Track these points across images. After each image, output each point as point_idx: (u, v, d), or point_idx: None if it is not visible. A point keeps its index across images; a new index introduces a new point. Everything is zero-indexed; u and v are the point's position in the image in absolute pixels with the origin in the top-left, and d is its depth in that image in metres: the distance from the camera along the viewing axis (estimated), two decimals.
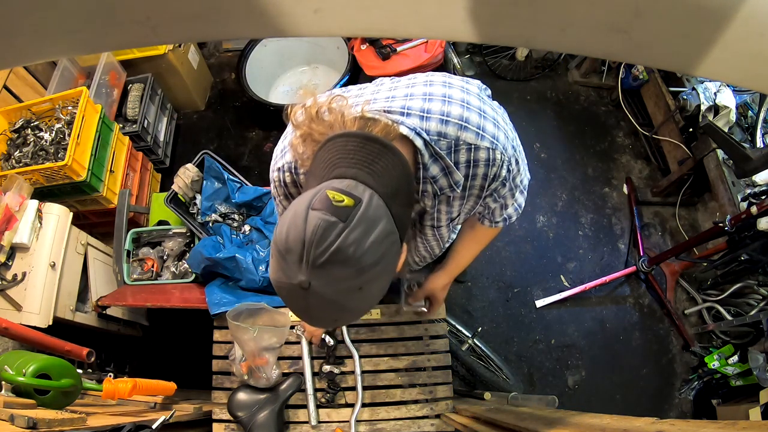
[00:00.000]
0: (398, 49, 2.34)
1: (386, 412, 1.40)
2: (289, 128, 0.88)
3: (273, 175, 0.92)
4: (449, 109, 0.76)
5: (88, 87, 2.10)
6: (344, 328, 1.44)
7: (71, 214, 1.79)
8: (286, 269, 0.63)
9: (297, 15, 0.29)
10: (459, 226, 1.16)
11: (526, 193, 0.99)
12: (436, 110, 0.76)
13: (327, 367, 1.40)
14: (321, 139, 0.73)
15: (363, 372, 1.42)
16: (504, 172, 0.82)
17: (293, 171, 0.88)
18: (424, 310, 1.38)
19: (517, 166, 0.86)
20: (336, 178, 0.65)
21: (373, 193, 0.64)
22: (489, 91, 0.88)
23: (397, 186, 0.68)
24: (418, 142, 0.75)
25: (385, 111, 0.76)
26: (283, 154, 0.89)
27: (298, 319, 1.44)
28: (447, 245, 1.18)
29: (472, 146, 0.77)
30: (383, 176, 0.67)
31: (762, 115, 2.18)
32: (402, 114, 0.76)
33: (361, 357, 1.43)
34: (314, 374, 1.41)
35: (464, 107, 0.77)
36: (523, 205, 1.01)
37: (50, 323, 1.60)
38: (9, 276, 1.63)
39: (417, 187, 0.82)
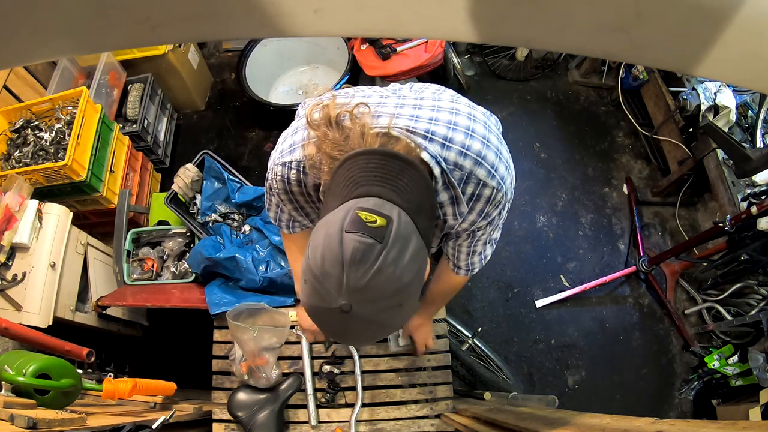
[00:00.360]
0: (398, 49, 2.33)
1: (386, 412, 1.40)
2: (300, 123, 0.85)
3: (276, 168, 0.88)
4: (470, 143, 0.78)
5: (88, 87, 2.10)
6: None
7: (71, 214, 1.79)
8: (323, 294, 0.62)
9: (297, 15, 0.29)
10: None
11: (495, 247, 1.02)
12: (458, 141, 0.77)
13: (327, 367, 1.40)
14: (335, 147, 0.72)
15: (363, 372, 1.42)
16: (495, 214, 0.85)
17: (301, 170, 0.85)
18: (410, 348, 1.43)
19: (504, 214, 0.89)
20: (360, 197, 0.65)
21: (400, 210, 0.64)
22: (502, 129, 0.90)
23: (421, 201, 0.69)
24: (436, 171, 0.76)
25: (408, 130, 0.76)
26: (292, 150, 0.85)
27: (298, 320, 1.44)
28: None
29: (481, 182, 0.79)
30: (407, 192, 0.67)
31: (762, 115, 2.18)
32: (425, 138, 0.76)
33: (361, 357, 1.43)
34: (314, 374, 1.41)
35: (484, 144, 0.79)
36: (488, 258, 1.03)
37: (50, 323, 1.60)
38: (9, 276, 1.63)
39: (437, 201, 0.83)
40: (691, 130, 2.29)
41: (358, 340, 0.83)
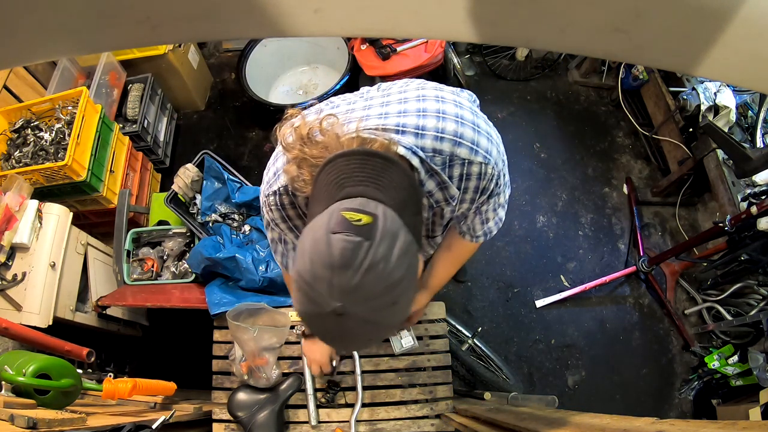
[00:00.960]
0: (398, 49, 2.33)
1: (386, 412, 1.40)
2: (279, 150, 0.86)
3: (268, 199, 0.89)
4: (443, 126, 0.77)
5: (88, 87, 2.10)
6: None
7: (71, 214, 1.79)
8: (315, 299, 0.61)
9: (297, 15, 0.29)
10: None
11: (506, 206, 1.00)
12: (430, 127, 0.77)
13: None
14: (316, 162, 0.72)
15: (363, 372, 1.42)
16: (492, 186, 0.84)
17: (290, 194, 0.85)
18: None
19: (504, 181, 0.88)
20: (344, 199, 0.65)
21: (385, 208, 0.64)
22: (478, 102, 0.90)
23: (405, 197, 0.68)
24: (415, 161, 0.76)
25: (379, 129, 0.76)
26: (277, 177, 0.86)
27: (299, 319, 1.44)
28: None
29: (466, 161, 0.79)
30: (390, 189, 0.67)
31: (762, 115, 2.17)
32: (397, 132, 0.76)
33: (361, 357, 1.43)
34: (314, 375, 1.41)
35: (458, 122, 0.78)
36: (503, 219, 1.02)
37: (50, 323, 1.60)
38: (9, 276, 1.63)
39: (424, 193, 0.82)
40: (691, 130, 2.29)
41: (358, 343, 0.79)
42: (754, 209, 1.74)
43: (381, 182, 0.67)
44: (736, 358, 1.98)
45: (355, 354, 1.42)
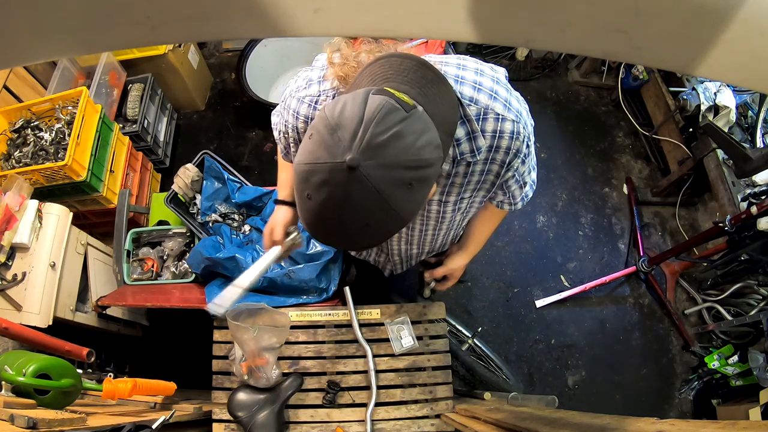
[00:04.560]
0: (398, 49, 2.33)
1: (386, 412, 1.40)
2: (319, 63, 0.87)
3: (291, 101, 0.87)
4: (481, 80, 0.80)
5: (88, 87, 2.10)
6: (356, 326, 1.43)
7: (71, 214, 1.79)
8: (332, 146, 0.55)
9: (297, 15, 0.29)
10: (464, 223, 1.16)
11: (536, 169, 1.01)
12: (469, 78, 0.79)
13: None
14: (368, 56, 0.73)
15: (365, 372, 1.42)
16: (524, 148, 0.85)
17: (312, 105, 0.84)
18: (440, 287, 1.37)
19: (532, 148, 0.89)
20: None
21: (423, 110, 0.62)
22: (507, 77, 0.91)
23: (444, 115, 0.67)
24: None
25: None
26: (309, 85, 0.85)
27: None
28: (440, 242, 1.17)
29: (500, 117, 0.79)
30: (433, 102, 0.65)
31: (762, 115, 2.17)
32: None
33: (374, 356, 1.42)
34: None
35: (494, 81, 0.81)
36: (536, 181, 1.03)
37: (50, 323, 1.60)
38: (9, 276, 1.63)
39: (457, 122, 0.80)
40: (691, 130, 2.29)
41: (350, 222, 0.59)
42: (754, 209, 1.74)
43: (427, 92, 0.65)
44: (736, 358, 1.98)
45: (369, 352, 1.40)
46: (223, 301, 1.06)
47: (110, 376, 1.52)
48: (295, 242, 1.15)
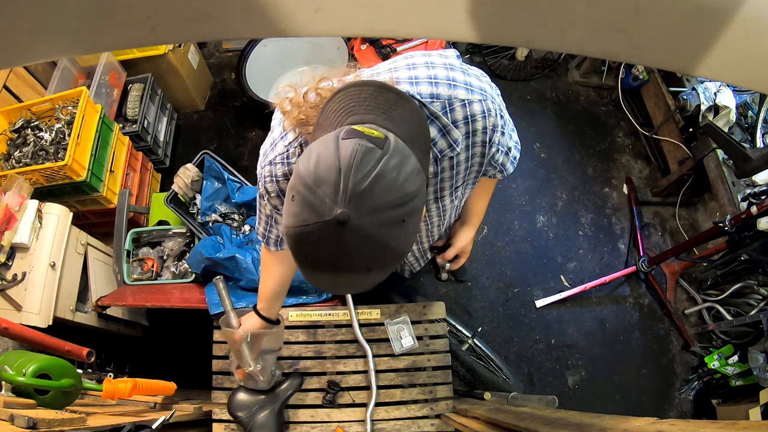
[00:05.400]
0: (398, 49, 2.34)
1: (386, 412, 1.40)
2: (276, 122, 0.87)
3: (263, 171, 0.87)
4: (435, 72, 0.79)
5: (88, 87, 2.10)
6: (356, 326, 1.43)
7: (71, 214, 1.79)
8: (316, 205, 0.54)
9: (297, 15, 0.29)
10: (462, 203, 1.15)
11: (515, 129, 0.99)
12: (423, 75, 0.78)
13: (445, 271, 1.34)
14: (317, 108, 0.72)
15: (365, 372, 1.42)
16: (499, 120, 0.84)
17: (286, 162, 0.83)
18: (454, 266, 1.33)
19: (504, 109, 0.88)
20: (353, 125, 0.61)
21: (396, 137, 0.61)
22: (461, 59, 0.91)
23: (415, 133, 0.67)
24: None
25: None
26: (273, 146, 0.84)
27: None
28: (446, 225, 1.17)
29: (465, 101, 0.79)
30: (401, 123, 0.65)
31: (762, 115, 2.17)
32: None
33: (374, 356, 1.42)
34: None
35: (447, 68, 0.80)
36: (519, 141, 1.00)
37: (50, 323, 1.60)
38: (9, 276, 1.63)
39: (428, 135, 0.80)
40: (691, 130, 2.29)
41: (352, 271, 0.60)
42: (754, 209, 1.74)
43: (392, 115, 0.65)
44: (736, 358, 1.98)
45: (369, 352, 1.40)
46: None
47: (110, 376, 1.52)
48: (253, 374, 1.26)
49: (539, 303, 2.36)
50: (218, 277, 1.26)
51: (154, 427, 1.08)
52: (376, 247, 0.57)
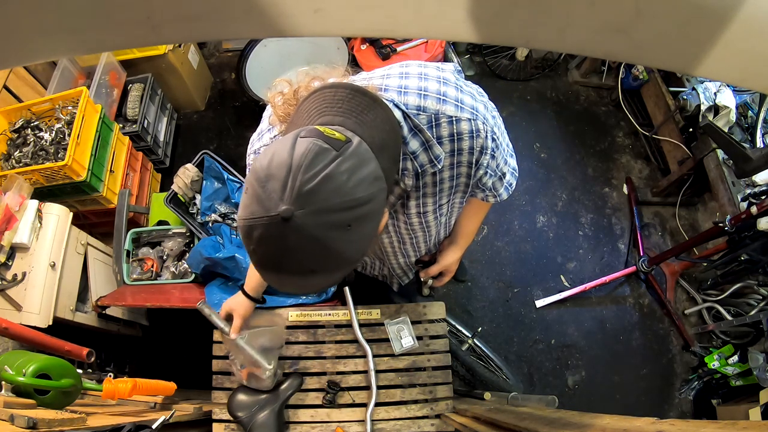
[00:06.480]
0: (398, 49, 2.34)
1: (386, 412, 1.40)
2: (266, 113, 0.89)
3: (249, 159, 0.90)
4: (426, 84, 0.77)
5: (88, 87, 2.10)
6: (356, 326, 1.43)
7: (71, 214, 1.79)
8: (264, 199, 0.55)
9: (297, 15, 0.29)
10: (451, 221, 1.15)
11: (514, 155, 0.97)
12: (413, 86, 0.77)
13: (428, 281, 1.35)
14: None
15: (365, 372, 1.42)
16: (489, 143, 0.81)
17: None
18: (437, 283, 1.34)
19: (500, 133, 0.86)
20: (322, 126, 0.62)
21: (361, 140, 0.61)
22: (463, 74, 0.89)
23: (384, 140, 0.66)
24: (397, 114, 0.74)
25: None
26: (260, 137, 0.87)
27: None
28: (434, 241, 1.17)
29: (453, 119, 0.77)
30: (371, 128, 0.65)
31: (762, 115, 2.17)
32: (380, 90, 0.77)
33: (374, 356, 1.42)
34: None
35: (441, 82, 0.78)
36: (516, 167, 0.99)
37: (50, 323, 1.60)
38: (9, 276, 1.63)
39: (408, 152, 0.79)
40: (691, 130, 2.30)
41: (297, 270, 0.60)
42: (754, 209, 1.74)
43: (363, 119, 0.65)
44: (736, 358, 1.98)
45: (369, 351, 1.40)
46: None
47: (110, 376, 1.52)
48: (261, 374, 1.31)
49: (539, 303, 2.36)
50: (201, 301, 1.30)
51: (154, 427, 1.08)
52: (319, 249, 0.57)
